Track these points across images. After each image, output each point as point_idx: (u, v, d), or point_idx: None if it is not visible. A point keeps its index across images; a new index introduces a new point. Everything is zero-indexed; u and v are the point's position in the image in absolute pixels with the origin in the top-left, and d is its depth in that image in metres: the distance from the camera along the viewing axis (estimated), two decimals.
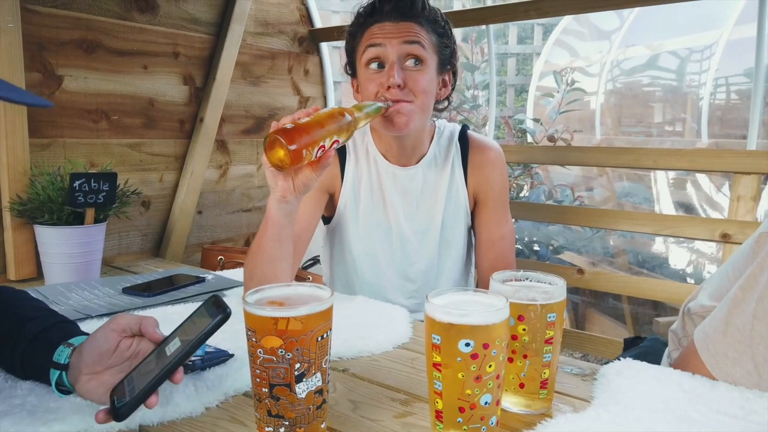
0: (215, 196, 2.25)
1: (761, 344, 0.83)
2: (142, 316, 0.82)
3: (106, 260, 1.81)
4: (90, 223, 1.55)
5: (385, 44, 1.26)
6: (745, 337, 0.84)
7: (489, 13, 2.09)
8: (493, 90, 2.52)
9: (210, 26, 2.13)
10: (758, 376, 0.84)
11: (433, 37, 1.31)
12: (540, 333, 0.81)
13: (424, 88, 1.27)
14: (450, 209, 1.43)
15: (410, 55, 1.26)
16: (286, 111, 2.51)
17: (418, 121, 1.30)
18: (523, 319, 0.81)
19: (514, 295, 0.81)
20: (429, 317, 0.73)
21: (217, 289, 1.45)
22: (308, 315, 0.69)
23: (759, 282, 0.85)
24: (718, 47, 3.85)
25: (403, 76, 1.25)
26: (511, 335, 0.81)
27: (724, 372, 0.87)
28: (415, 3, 1.28)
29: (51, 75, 1.70)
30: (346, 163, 1.42)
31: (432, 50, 1.30)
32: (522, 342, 0.82)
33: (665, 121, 4.53)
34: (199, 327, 0.74)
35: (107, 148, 1.86)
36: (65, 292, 1.38)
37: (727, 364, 0.87)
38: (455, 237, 1.46)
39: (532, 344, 0.82)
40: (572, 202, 3.60)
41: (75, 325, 0.92)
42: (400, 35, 1.26)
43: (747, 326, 0.84)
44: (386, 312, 1.27)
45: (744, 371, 0.85)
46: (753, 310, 0.84)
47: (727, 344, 0.87)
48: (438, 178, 1.42)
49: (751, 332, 0.84)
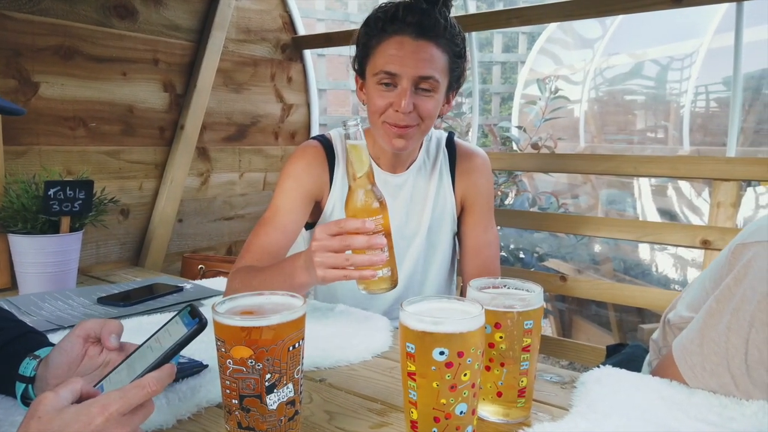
0: (196, 204, 2.23)
1: (737, 357, 0.83)
2: (106, 320, 0.80)
3: (83, 270, 1.78)
4: (65, 232, 1.53)
5: (400, 74, 1.23)
6: (720, 350, 0.84)
7: (472, 20, 2.09)
8: (476, 98, 2.52)
9: (191, 33, 2.11)
10: (735, 387, 0.84)
11: (448, 58, 1.28)
12: (517, 341, 0.80)
13: (430, 114, 1.28)
14: (437, 214, 1.44)
15: (423, 83, 1.24)
16: (269, 118, 2.50)
17: (417, 142, 1.33)
18: (500, 327, 0.80)
19: (491, 303, 0.80)
20: (403, 325, 0.72)
21: (195, 298, 1.43)
22: (279, 324, 0.68)
23: (734, 294, 0.85)
24: (698, 56, 3.89)
25: (414, 101, 1.24)
26: (488, 343, 0.80)
27: (701, 383, 0.88)
28: (437, 23, 1.24)
29: (27, 82, 1.67)
30: (335, 168, 1.41)
31: (444, 74, 1.28)
32: (499, 350, 0.81)
33: (648, 128, 4.57)
34: (173, 336, 0.72)
35: (85, 156, 1.83)
36: (38, 302, 1.35)
37: (705, 375, 0.87)
38: (441, 242, 1.46)
39: (509, 352, 0.81)
40: (557, 210, 3.61)
41: (42, 336, 0.90)
42: (417, 64, 1.23)
43: (722, 338, 0.84)
44: (367, 321, 1.26)
45: (721, 383, 0.85)
46: (728, 323, 0.84)
47: (704, 356, 0.87)
48: (426, 184, 1.43)
49: (727, 344, 0.84)
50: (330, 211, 1.42)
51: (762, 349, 0.80)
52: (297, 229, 1.38)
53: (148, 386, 0.63)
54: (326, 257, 0.96)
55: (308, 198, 1.38)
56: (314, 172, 1.38)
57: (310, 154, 1.40)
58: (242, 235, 2.42)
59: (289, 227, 1.35)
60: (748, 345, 0.82)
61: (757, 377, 0.82)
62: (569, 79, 5.02)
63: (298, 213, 1.36)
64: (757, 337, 0.81)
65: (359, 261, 0.94)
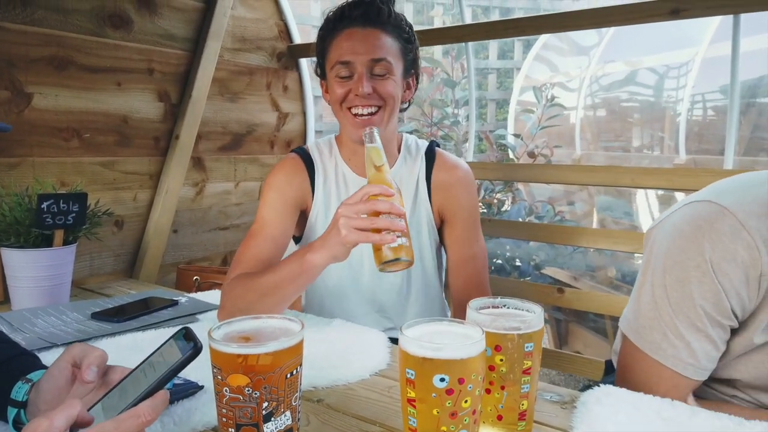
0: (191, 214, 2.21)
1: (665, 311, 0.98)
2: (91, 349, 0.78)
3: (76, 282, 1.76)
4: (59, 245, 1.51)
5: (354, 61, 1.31)
6: (651, 308, 1.00)
7: (468, 30, 2.08)
8: (473, 106, 2.52)
9: (186, 42, 2.10)
10: (673, 337, 0.97)
11: (399, 44, 1.36)
12: (518, 363, 0.79)
13: (391, 93, 1.33)
14: (414, 219, 1.45)
15: (377, 67, 1.32)
16: (265, 127, 2.49)
17: (387, 123, 1.34)
18: (500, 350, 0.79)
19: (491, 325, 0.79)
20: (403, 351, 0.70)
21: (190, 312, 1.41)
22: (277, 351, 0.66)
23: (651, 264, 1.01)
24: (694, 64, 3.90)
25: (372, 84, 1.30)
26: (488, 366, 0.79)
27: (647, 341, 1.00)
28: (381, 11, 1.33)
29: (20, 93, 1.65)
30: (316, 178, 1.44)
31: (397, 58, 1.35)
32: (499, 373, 0.79)
33: (643, 136, 4.57)
34: (167, 361, 0.71)
35: (79, 167, 1.81)
36: (31, 318, 1.33)
37: (647, 332, 1.00)
38: (421, 250, 1.46)
39: (509, 375, 0.79)
40: (553, 218, 3.60)
41: (35, 358, 0.88)
42: (368, 50, 1.31)
43: (650, 298, 1.00)
44: (363, 337, 1.24)
45: (661, 335, 0.98)
46: (651, 287, 1.00)
47: (642, 317, 1.01)
48: (404, 184, 1.44)
49: (654, 301, 0.99)
50: (315, 219, 1.44)
51: (669, 311, 0.97)
52: (286, 239, 1.38)
53: (143, 415, 0.62)
54: (350, 219, 1.02)
55: (293, 207, 1.40)
56: (295, 182, 1.42)
57: (289, 165, 1.44)
58: (237, 244, 2.37)
59: (278, 237, 1.36)
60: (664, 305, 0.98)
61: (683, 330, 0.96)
62: (565, 86, 5.03)
63: (285, 222, 1.38)
64: (665, 295, 0.98)
65: (381, 223, 1.00)
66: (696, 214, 0.97)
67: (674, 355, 0.97)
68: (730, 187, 1.00)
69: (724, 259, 0.92)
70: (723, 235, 0.92)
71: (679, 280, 0.96)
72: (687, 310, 0.95)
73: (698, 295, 0.94)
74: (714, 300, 0.93)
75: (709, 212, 0.95)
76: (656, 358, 0.98)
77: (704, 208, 0.96)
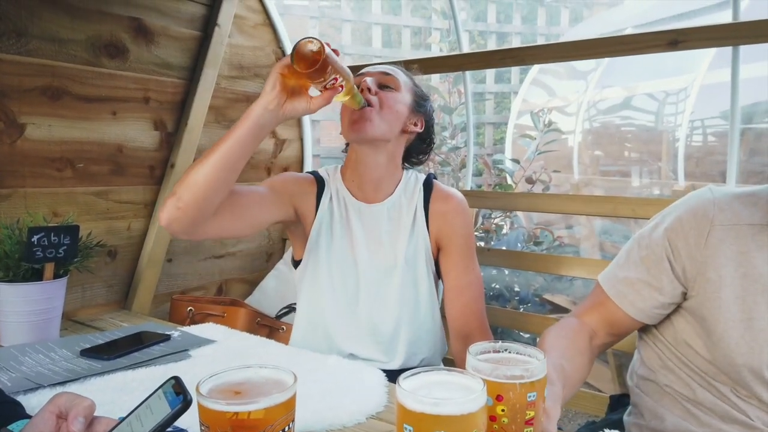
0: (186, 242, 2.18)
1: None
2: (79, 399, 0.75)
3: (68, 314, 1.73)
4: (49, 279, 1.48)
5: (365, 76, 1.45)
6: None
7: (465, 59, 2.08)
8: (471, 133, 2.51)
9: (182, 71, 2.09)
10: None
11: (410, 82, 1.52)
12: (520, 414, 0.76)
13: (391, 104, 1.43)
14: (412, 248, 1.47)
15: (385, 79, 1.47)
16: (262, 154, 2.47)
17: (378, 131, 1.40)
18: (502, 400, 0.76)
19: (492, 373, 0.76)
20: (400, 404, 0.67)
21: (183, 348, 1.37)
22: (268, 408, 0.63)
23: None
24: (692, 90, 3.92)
25: (377, 92, 1.42)
26: (489, 416, 0.75)
27: (618, 291, 1.15)
28: (397, 65, 1.56)
29: (13, 123, 1.63)
30: (323, 197, 1.49)
31: (407, 88, 1.49)
32: (501, 424, 0.76)
33: (642, 161, 4.57)
34: (155, 415, 0.68)
35: (72, 197, 1.79)
36: (18, 356, 1.30)
37: (618, 283, 1.15)
38: (419, 279, 1.48)
39: (511, 425, 0.76)
40: (552, 243, 3.58)
41: (17, 406, 0.85)
42: (380, 70, 1.49)
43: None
44: (360, 376, 1.21)
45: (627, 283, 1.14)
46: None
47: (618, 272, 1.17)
48: (401, 219, 1.48)
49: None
50: (316, 237, 1.47)
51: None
52: (262, 198, 1.39)
53: None
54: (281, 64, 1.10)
55: (287, 199, 1.45)
56: (303, 185, 1.50)
57: (303, 176, 1.54)
58: (233, 273, 2.37)
59: (260, 191, 1.40)
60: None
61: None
62: (563, 110, 5.04)
63: (275, 194, 1.42)
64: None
65: None
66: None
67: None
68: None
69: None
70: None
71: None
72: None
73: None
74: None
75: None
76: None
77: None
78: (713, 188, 1.11)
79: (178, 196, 1.18)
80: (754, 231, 1.04)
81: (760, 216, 1.04)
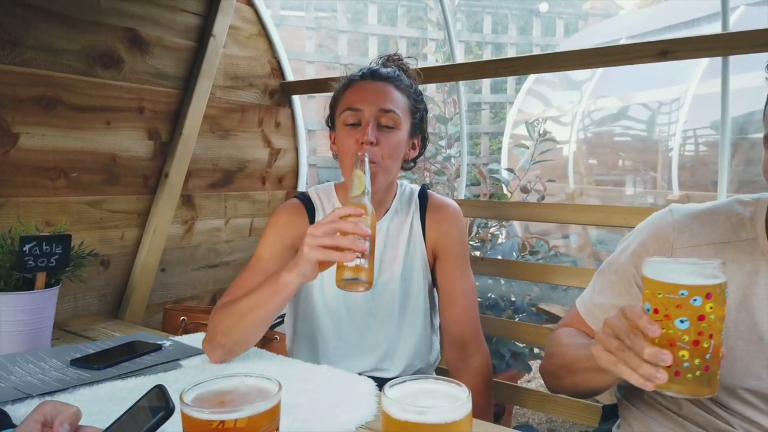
0: (180, 252, 2.18)
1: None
2: (65, 406, 0.75)
3: (59, 323, 1.72)
4: (40, 288, 1.47)
5: (363, 108, 1.36)
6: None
7: (459, 70, 2.09)
8: (464, 143, 2.52)
9: (177, 81, 2.10)
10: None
11: (408, 101, 1.43)
12: (722, 311, 0.78)
13: (392, 151, 1.37)
14: (409, 261, 1.48)
15: (385, 118, 1.37)
16: (256, 163, 2.48)
17: (381, 181, 1.37)
18: (711, 297, 0.77)
19: (701, 272, 0.79)
20: (385, 413, 0.67)
21: (174, 358, 1.37)
22: (252, 416, 0.63)
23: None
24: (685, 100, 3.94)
25: (377, 135, 1.34)
26: (698, 316, 0.77)
27: (591, 313, 1.17)
28: (394, 71, 1.44)
29: (6, 133, 1.64)
30: (315, 220, 1.47)
31: (405, 113, 1.41)
32: (709, 321, 0.77)
33: (636, 170, 4.59)
34: (138, 424, 0.68)
35: (65, 207, 1.79)
36: (8, 365, 1.29)
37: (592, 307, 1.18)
38: (414, 289, 1.49)
39: (717, 323, 0.78)
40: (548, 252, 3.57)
41: (3, 416, 0.85)
42: (377, 100, 1.37)
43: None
44: (350, 386, 1.21)
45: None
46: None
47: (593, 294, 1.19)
48: (399, 231, 1.48)
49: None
50: None
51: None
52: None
53: None
54: (315, 237, 1.07)
55: (291, 246, 1.42)
56: (296, 223, 1.46)
57: (290, 208, 1.49)
58: (227, 282, 2.37)
59: (272, 272, 1.34)
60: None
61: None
62: (558, 120, 5.06)
63: (280, 259, 1.39)
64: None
65: (342, 242, 1.04)
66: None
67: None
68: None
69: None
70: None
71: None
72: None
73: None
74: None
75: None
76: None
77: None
78: (674, 209, 1.13)
79: (228, 349, 1.28)
80: (716, 250, 1.04)
81: (719, 234, 1.06)
